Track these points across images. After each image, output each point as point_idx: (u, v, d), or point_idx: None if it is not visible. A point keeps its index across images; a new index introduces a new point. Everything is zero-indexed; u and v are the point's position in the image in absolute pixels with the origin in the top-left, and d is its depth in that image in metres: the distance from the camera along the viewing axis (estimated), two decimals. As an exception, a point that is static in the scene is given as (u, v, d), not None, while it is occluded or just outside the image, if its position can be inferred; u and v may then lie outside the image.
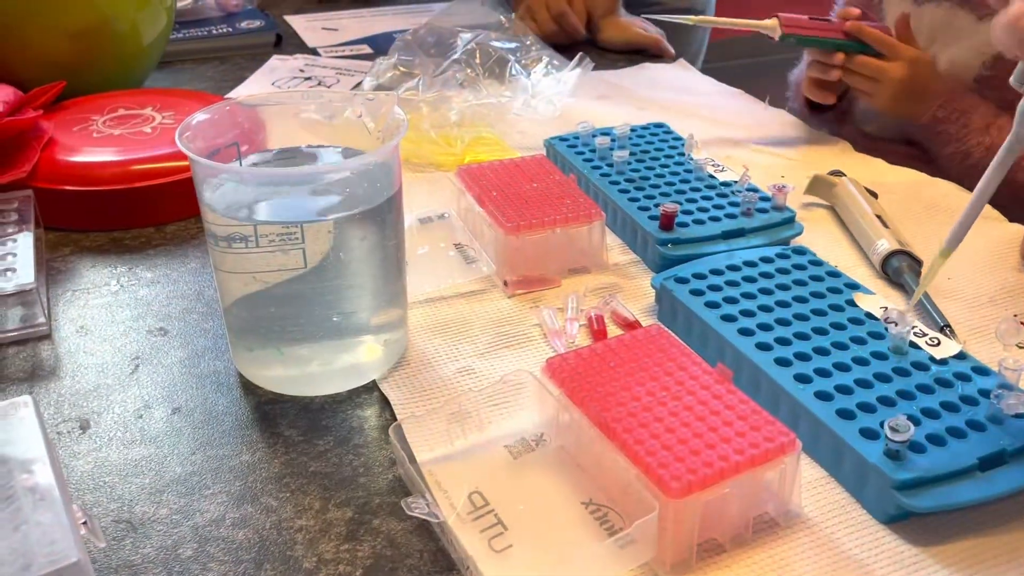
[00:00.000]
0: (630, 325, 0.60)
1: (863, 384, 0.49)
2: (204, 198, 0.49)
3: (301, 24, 1.33)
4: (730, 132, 0.92)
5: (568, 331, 0.60)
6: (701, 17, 0.84)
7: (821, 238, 0.72)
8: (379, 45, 1.21)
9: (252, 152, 0.55)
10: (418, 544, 0.44)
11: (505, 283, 0.64)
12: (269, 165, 0.55)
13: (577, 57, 0.95)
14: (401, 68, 0.90)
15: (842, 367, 0.51)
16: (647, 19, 1.07)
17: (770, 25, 0.79)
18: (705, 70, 1.35)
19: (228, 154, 0.53)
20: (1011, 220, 0.74)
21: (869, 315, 0.56)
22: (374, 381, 0.54)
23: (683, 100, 1.02)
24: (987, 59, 0.83)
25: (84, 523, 0.38)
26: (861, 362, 0.51)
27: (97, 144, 0.76)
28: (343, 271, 0.50)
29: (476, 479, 0.47)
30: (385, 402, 0.53)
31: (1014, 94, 0.83)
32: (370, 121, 0.55)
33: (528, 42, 0.95)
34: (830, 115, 0.99)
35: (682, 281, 0.60)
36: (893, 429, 0.44)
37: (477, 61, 0.91)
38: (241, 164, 0.54)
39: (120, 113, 0.81)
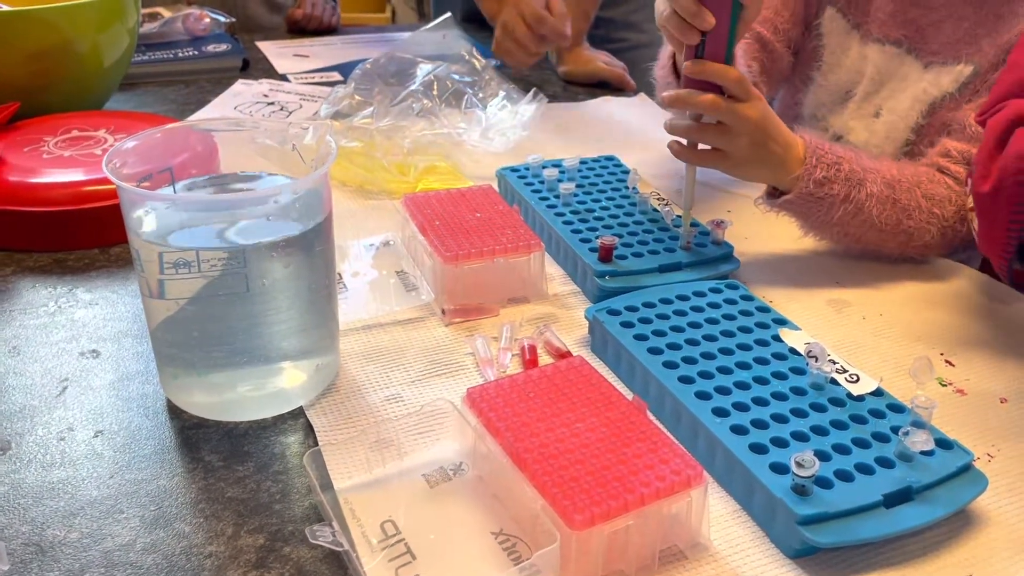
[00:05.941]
0: (562, 355, 0.60)
1: (779, 419, 0.50)
2: (130, 223, 0.49)
3: (272, 50, 1.34)
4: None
5: (501, 360, 0.60)
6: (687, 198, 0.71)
7: (758, 273, 0.73)
8: (349, 72, 1.22)
9: (201, 177, 0.56)
10: (327, 572, 0.44)
11: (443, 311, 0.65)
12: (203, 192, 0.55)
13: (531, 92, 0.96)
14: (358, 96, 0.91)
15: (760, 402, 0.52)
16: None
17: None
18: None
19: (162, 179, 0.54)
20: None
21: (793, 351, 0.57)
22: (301, 407, 0.55)
23: (642, 134, 1.03)
24: (924, 107, 0.79)
25: (-15, 546, 0.38)
26: (779, 397, 0.52)
27: (47, 165, 0.76)
28: (267, 297, 0.50)
29: (390, 508, 0.47)
30: (310, 429, 0.53)
31: (941, 138, 0.79)
32: (305, 150, 0.56)
33: (487, 76, 0.96)
34: None
35: (614, 313, 0.61)
36: (799, 464, 0.44)
37: (434, 92, 0.92)
38: (175, 190, 0.54)
39: (74, 135, 0.82)
